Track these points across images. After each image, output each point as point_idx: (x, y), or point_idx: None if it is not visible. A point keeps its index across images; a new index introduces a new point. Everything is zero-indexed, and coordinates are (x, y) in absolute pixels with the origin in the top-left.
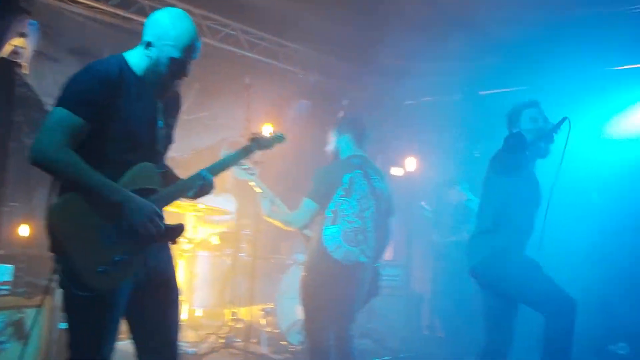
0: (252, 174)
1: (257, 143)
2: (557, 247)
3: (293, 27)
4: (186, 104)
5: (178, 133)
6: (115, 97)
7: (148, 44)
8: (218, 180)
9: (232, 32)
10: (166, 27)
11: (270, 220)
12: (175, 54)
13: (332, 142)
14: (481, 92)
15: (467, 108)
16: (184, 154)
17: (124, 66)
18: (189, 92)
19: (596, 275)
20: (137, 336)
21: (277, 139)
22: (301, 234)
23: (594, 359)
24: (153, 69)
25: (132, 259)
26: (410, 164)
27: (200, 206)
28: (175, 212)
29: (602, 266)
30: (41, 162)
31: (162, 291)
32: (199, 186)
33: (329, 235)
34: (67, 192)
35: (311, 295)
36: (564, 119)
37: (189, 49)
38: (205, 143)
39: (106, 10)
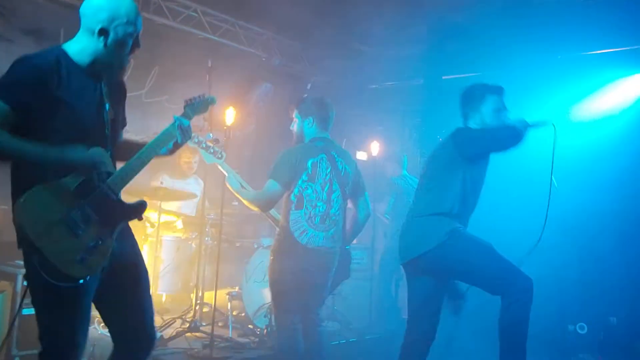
0: (220, 158)
1: (192, 108)
2: (515, 231)
3: (256, 9)
4: (146, 87)
5: (138, 116)
6: (54, 88)
7: (101, 32)
8: (185, 165)
9: (193, 13)
10: (113, 8)
11: (237, 195)
12: (130, 29)
13: (296, 122)
14: (444, 77)
15: (430, 93)
16: (145, 138)
17: (62, 57)
18: (148, 75)
19: (555, 258)
20: (111, 322)
21: (210, 100)
22: (271, 218)
23: (554, 339)
24: (110, 51)
25: (105, 242)
26: (375, 148)
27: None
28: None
29: (560, 248)
30: None
31: (131, 275)
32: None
33: (294, 219)
34: (27, 190)
35: (278, 280)
36: (547, 123)
37: (138, 20)
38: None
39: None
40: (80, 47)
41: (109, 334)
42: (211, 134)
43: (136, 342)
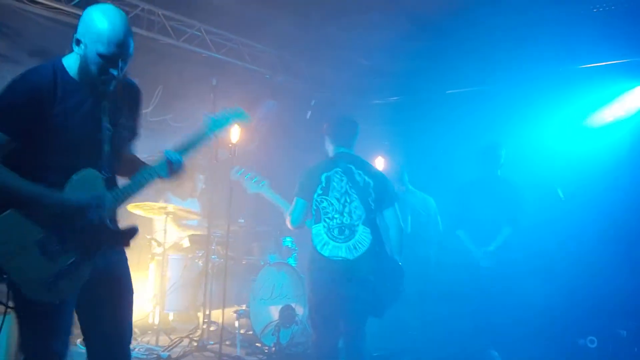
0: (262, 186)
1: (214, 124)
2: (526, 245)
3: (259, 28)
4: (151, 106)
5: (143, 135)
6: (49, 107)
7: (77, 41)
8: (187, 187)
9: (197, 32)
10: (93, 22)
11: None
12: (101, 48)
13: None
14: (449, 91)
15: (434, 107)
16: (150, 156)
17: (60, 71)
18: (153, 94)
19: (563, 271)
20: (88, 336)
21: (237, 115)
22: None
23: (564, 353)
24: (84, 66)
25: (79, 268)
26: (380, 163)
27: (170, 209)
28: (144, 215)
29: (568, 262)
30: None
31: (112, 290)
32: (169, 167)
33: (315, 233)
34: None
35: (309, 295)
36: None
37: (116, 44)
38: (172, 145)
39: (67, 11)
40: (73, 59)
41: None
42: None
43: None
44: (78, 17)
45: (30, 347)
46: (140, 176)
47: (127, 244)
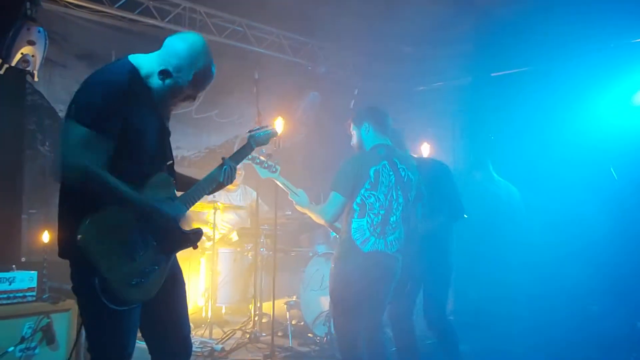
0: (274, 172)
1: (254, 140)
2: (580, 229)
3: (299, 19)
4: (196, 103)
5: (190, 132)
6: (128, 108)
7: (165, 72)
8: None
9: (238, 28)
10: (187, 62)
11: (303, 210)
12: (189, 88)
13: (354, 135)
14: (493, 74)
15: (479, 90)
16: (197, 153)
17: (135, 75)
18: None
19: (621, 253)
20: (148, 336)
21: (272, 133)
22: (332, 228)
23: (623, 336)
24: (164, 91)
25: (160, 268)
26: (426, 149)
27: (219, 204)
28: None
29: (625, 244)
30: (80, 179)
31: (174, 287)
32: (226, 174)
33: (356, 228)
34: (94, 211)
35: (340, 288)
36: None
37: (202, 84)
38: (218, 141)
39: (111, 14)
40: (150, 70)
41: (143, 344)
42: (264, 149)
43: (172, 356)
44: (122, 19)
45: (106, 348)
46: (204, 182)
47: (196, 246)
